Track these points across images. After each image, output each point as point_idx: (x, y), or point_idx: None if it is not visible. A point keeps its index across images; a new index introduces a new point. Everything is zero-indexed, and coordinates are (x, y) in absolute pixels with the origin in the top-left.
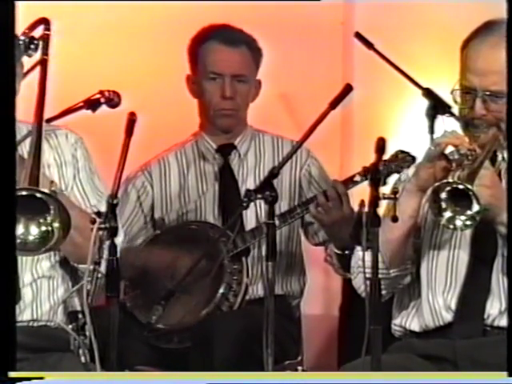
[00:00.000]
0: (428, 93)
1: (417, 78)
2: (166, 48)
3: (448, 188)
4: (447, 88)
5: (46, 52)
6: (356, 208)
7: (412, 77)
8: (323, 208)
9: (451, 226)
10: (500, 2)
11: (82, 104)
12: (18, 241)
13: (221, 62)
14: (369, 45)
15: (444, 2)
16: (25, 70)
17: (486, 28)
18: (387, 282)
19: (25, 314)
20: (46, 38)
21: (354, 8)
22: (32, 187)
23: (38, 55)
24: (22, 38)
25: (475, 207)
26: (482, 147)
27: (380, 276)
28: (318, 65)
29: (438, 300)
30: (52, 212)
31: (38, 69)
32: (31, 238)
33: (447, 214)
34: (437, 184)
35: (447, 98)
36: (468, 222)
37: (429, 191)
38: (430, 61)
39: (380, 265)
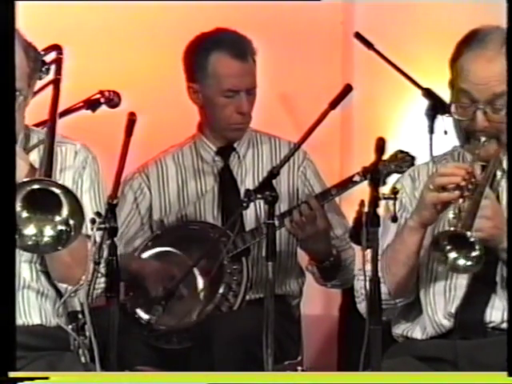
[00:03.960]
0: (428, 93)
1: (416, 78)
2: (165, 48)
3: (448, 235)
4: (446, 88)
5: (59, 72)
6: (353, 209)
7: (412, 77)
8: (297, 223)
9: (456, 269)
10: (500, 2)
11: (81, 104)
12: (30, 242)
13: (236, 78)
14: (368, 45)
15: (444, 2)
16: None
17: (478, 40)
18: (392, 311)
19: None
20: (58, 61)
21: (353, 8)
22: (46, 178)
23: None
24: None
25: (476, 252)
26: (482, 165)
27: (385, 307)
28: (317, 65)
29: (438, 315)
30: (67, 207)
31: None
32: (46, 238)
33: (452, 256)
34: (436, 234)
35: (447, 98)
36: (469, 263)
37: (430, 236)
38: (430, 61)
39: (385, 296)
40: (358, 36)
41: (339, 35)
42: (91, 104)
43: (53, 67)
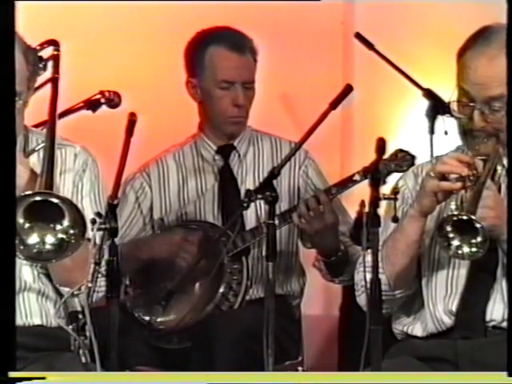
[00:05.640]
0: (428, 93)
1: (417, 78)
2: (166, 48)
3: (453, 219)
4: (447, 88)
5: (56, 70)
6: (353, 209)
7: (412, 77)
8: (304, 218)
9: (460, 255)
10: (500, 2)
11: (82, 104)
12: (35, 250)
13: (232, 69)
14: (369, 45)
15: (444, 2)
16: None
17: (484, 37)
18: (391, 303)
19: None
20: (56, 58)
21: (353, 8)
22: (47, 191)
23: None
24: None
25: (479, 238)
26: (482, 160)
27: (384, 298)
28: (318, 65)
29: (438, 308)
30: (68, 217)
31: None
32: (48, 246)
33: (455, 243)
34: (441, 219)
35: (447, 98)
36: (474, 249)
37: (433, 223)
38: (430, 61)
39: (385, 287)
40: (359, 36)
41: (339, 35)
42: (91, 104)
43: (50, 64)
